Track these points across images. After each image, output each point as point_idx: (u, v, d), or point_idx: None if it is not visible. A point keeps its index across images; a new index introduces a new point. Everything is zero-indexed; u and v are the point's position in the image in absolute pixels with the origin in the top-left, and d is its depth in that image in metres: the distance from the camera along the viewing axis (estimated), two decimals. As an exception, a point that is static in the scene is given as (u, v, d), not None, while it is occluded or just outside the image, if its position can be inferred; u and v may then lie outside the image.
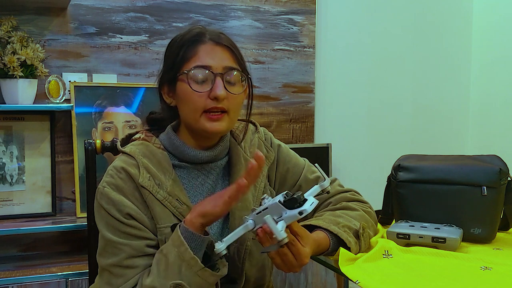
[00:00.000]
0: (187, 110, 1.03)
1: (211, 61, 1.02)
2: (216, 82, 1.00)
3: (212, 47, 1.03)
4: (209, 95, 1.00)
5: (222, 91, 0.99)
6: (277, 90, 2.42)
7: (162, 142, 1.08)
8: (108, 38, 2.11)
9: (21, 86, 1.87)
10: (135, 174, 1.00)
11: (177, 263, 0.91)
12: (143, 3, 2.16)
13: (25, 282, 1.75)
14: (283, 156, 1.19)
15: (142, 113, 2.12)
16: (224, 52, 1.04)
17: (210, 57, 1.02)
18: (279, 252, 0.91)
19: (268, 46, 2.39)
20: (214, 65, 1.01)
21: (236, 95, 1.03)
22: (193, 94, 1.00)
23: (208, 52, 1.02)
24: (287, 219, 0.87)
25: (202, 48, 1.03)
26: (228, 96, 1.01)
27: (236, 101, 1.04)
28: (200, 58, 1.02)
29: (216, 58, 1.02)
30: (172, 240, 0.93)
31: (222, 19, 2.29)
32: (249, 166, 0.88)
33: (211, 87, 1.00)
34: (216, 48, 1.03)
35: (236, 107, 1.05)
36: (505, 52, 2.64)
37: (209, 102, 1.00)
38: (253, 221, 0.90)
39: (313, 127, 2.50)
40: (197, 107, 1.01)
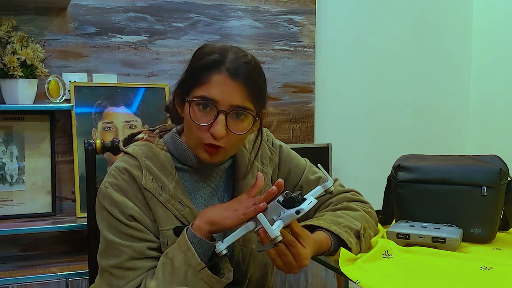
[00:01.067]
0: (188, 134, 1.02)
1: (219, 95, 0.95)
2: (218, 120, 0.95)
3: (225, 80, 0.96)
4: (208, 129, 0.96)
5: (220, 130, 0.94)
6: (277, 90, 2.42)
7: (165, 144, 1.07)
8: (108, 38, 2.11)
9: (21, 86, 1.87)
10: (138, 175, 1.00)
11: (183, 268, 0.90)
12: (143, 3, 2.16)
13: (25, 282, 1.75)
14: (285, 157, 1.18)
15: (142, 113, 2.12)
16: (237, 87, 0.96)
17: (220, 91, 0.95)
18: (279, 253, 0.91)
19: (268, 46, 2.39)
20: (221, 101, 0.95)
21: (238, 134, 0.98)
22: (193, 123, 0.97)
23: (219, 84, 0.95)
24: (284, 219, 0.87)
25: (215, 78, 0.96)
26: (229, 134, 0.97)
27: (237, 140, 1.00)
28: (209, 88, 0.96)
29: (225, 93, 0.95)
30: (179, 245, 0.93)
31: (222, 19, 2.29)
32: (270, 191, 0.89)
33: (212, 122, 0.96)
34: (229, 82, 0.96)
35: (236, 144, 1.01)
36: (505, 52, 2.64)
37: (208, 137, 0.96)
38: (254, 222, 0.90)
39: (313, 127, 2.50)
40: (195, 138, 0.98)
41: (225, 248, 0.91)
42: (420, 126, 2.74)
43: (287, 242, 0.91)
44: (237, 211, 0.91)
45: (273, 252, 0.92)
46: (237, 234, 0.92)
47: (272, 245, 0.89)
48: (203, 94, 0.96)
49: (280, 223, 0.87)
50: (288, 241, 0.91)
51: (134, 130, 2.06)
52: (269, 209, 0.89)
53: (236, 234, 0.92)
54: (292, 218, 0.87)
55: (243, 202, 0.92)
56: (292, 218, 0.87)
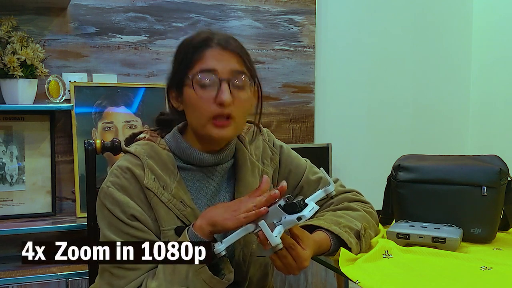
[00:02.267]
0: (194, 116, 1.01)
1: (218, 65, 0.98)
2: (222, 87, 0.97)
3: (219, 52, 0.99)
4: (215, 101, 0.97)
5: (228, 96, 0.96)
6: (277, 90, 2.42)
7: (167, 143, 1.07)
8: (108, 38, 2.11)
9: (21, 86, 1.87)
10: (140, 175, 0.99)
11: (185, 269, 0.90)
12: (143, 3, 2.16)
13: (25, 282, 1.75)
14: (285, 158, 1.18)
15: (142, 113, 2.12)
16: (232, 56, 1.00)
17: (217, 61, 0.98)
18: (279, 255, 0.91)
19: (268, 46, 2.39)
20: (220, 69, 0.98)
21: (243, 100, 1.00)
22: (198, 99, 0.98)
23: (215, 56, 0.99)
24: (285, 224, 0.87)
25: (209, 53, 0.99)
26: (235, 102, 0.98)
27: (243, 106, 1.01)
28: (206, 62, 0.99)
29: (222, 62, 0.98)
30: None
31: (222, 19, 2.29)
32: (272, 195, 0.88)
33: (217, 92, 0.97)
34: (223, 53, 0.99)
35: (243, 113, 1.02)
36: (505, 52, 2.64)
37: (215, 108, 0.97)
38: (254, 224, 0.90)
39: (313, 127, 2.50)
40: (203, 114, 0.98)
41: (224, 249, 0.90)
42: (420, 126, 2.74)
43: (287, 245, 0.91)
44: (236, 212, 0.91)
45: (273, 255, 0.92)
46: (237, 235, 0.91)
47: (272, 252, 0.89)
48: (202, 68, 0.98)
49: (281, 228, 0.86)
50: (288, 244, 0.91)
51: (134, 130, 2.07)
52: (270, 213, 0.89)
53: (236, 236, 0.91)
54: (293, 224, 0.87)
55: (245, 203, 0.92)
56: (293, 224, 0.87)
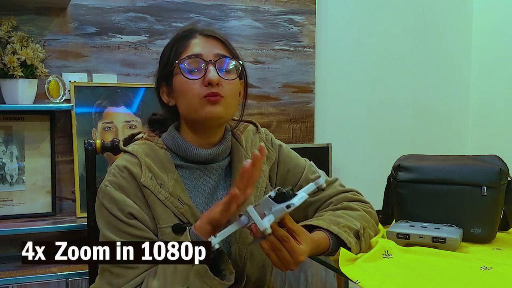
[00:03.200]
0: (186, 102, 1.03)
1: (201, 50, 1.03)
2: (209, 68, 1.01)
3: (202, 39, 1.06)
4: (203, 82, 1.01)
5: (215, 75, 1.00)
6: (277, 90, 2.42)
7: (164, 142, 1.08)
8: (108, 38, 2.11)
9: (21, 86, 1.87)
10: (137, 173, 1.00)
11: (186, 270, 0.90)
12: (143, 3, 2.16)
13: (25, 282, 1.75)
14: (284, 157, 1.19)
15: (142, 113, 2.12)
16: (215, 42, 1.06)
17: (201, 47, 1.04)
18: (273, 248, 0.91)
19: (268, 46, 2.39)
20: (205, 54, 1.03)
21: (230, 81, 1.04)
22: (188, 83, 1.02)
23: (199, 43, 1.05)
24: (275, 213, 0.87)
25: (193, 41, 1.05)
26: (222, 82, 1.02)
27: (231, 87, 1.04)
28: (190, 49, 1.04)
29: (207, 47, 1.04)
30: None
31: (222, 19, 2.29)
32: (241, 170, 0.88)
33: (204, 74, 1.01)
34: (206, 39, 1.06)
35: (232, 93, 1.05)
36: (505, 52, 2.64)
37: (205, 89, 1.01)
38: (246, 217, 0.90)
39: (313, 127, 2.50)
40: (194, 95, 1.01)
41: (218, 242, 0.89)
42: (420, 126, 2.74)
43: (280, 238, 0.90)
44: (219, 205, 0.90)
45: (267, 247, 0.91)
46: (230, 229, 0.91)
47: (262, 237, 0.89)
48: (188, 54, 1.04)
49: (271, 217, 0.87)
50: (281, 236, 0.90)
51: (134, 130, 2.08)
52: (261, 204, 0.89)
53: (229, 230, 0.91)
54: (282, 212, 0.87)
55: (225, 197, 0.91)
56: (282, 212, 0.87)
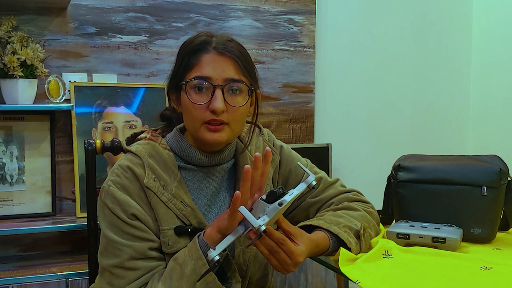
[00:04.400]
0: (188, 120, 1.02)
1: (212, 72, 0.98)
2: (215, 94, 0.97)
3: (215, 57, 0.99)
4: (208, 107, 0.98)
5: (220, 104, 0.96)
6: (277, 90, 2.42)
7: (168, 143, 1.07)
8: (108, 38, 2.11)
9: (21, 86, 1.87)
10: (140, 174, 1.00)
11: (193, 277, 0.90)
12: (143, 3, 2.16)
13: (25, 282, 1.74)
14: (286, 158, 1.18)
15: (142, 113, 2.12)
16: (227, 63, 0.99)
17: (211, 68, 0.98)
18: (270, 251, 0.91)
19: (268, 46, 2.39)
20: (214, 76, 0.98)
21: (237, 108, 1.00)
22: (192, 105, 0.99)
23: (210, 62, 0.99)
24: (269, 213, 0.87)
25: (205, 58, 0.99)
26: (228, 108, 0.98)
27: (238, 113, 1.00)
28: (201, 68, 0.99)
29: (217, 69, 0.98)
30: (190, 252, 0.92)
31: (222, 19, 2.29)
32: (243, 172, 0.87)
33: (210, 99, 0.98)
34: (219, 59, 0.99)
35: (238, 119, 1.02)
36: (505, 52, 2.64)
37: (208, 115, 0.98)
38: (243, 225, 0.90)
39: (313, 127, 2.49)
40: (196, 119, 0.99)
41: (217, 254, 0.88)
42: (420, 126, 2.74)
43: (277, 240, 0.90)
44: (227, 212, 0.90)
45: (266, 252, 0.91)
46: (228, 239, 0.90)
47: (258, 237, 0.89)
48: (197, 74, 0.99)
49: (266, 218, 0.87)
50: (277, 239, 0.90)
51: (134, 130, 2.08)
52: (254, 208, 0.89)
53: (227, 240, 0.90)
54: (276, 210, 0.87)
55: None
56: (276, 210, 0.87)
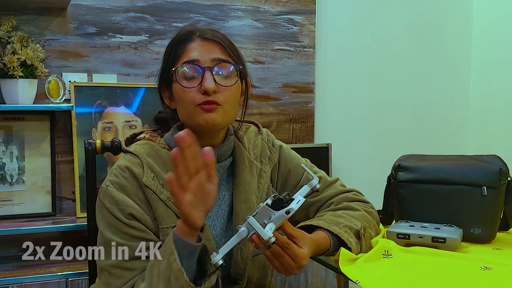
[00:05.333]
0: (183, 109, 1.03)
1: (198, 55, 1.01)
2: (205, 76, 0.99)
3: (200, 43, 1.03)
4: (199, 90, 0.99)
5: (211, 83, 0.98)
6: (277, 90, 2.42)
7: (167, 142, 1.08)
8: (108, 38, 2.11)
9: (21, 86, 1.87)
10: (139, 173, 1.00)
11: (167, 273, 0.87)
12: (143, 3, 2.16)
13: (25, 282, 1.74)
14: (285, 157, 1.18)
15: (142, 113, 2.12)
16: (213, 46, 1.02)
17: (198, 52, 1.01)
18: (275, 255, 0.91)
19: (268, 46, 2.39)
20: (201, 59, 1.00)
21: (228, 87, 1.01)
22: (184, 91, 1.00)
23: (196, 47, 1.02)
24: (275, 220, 0.87)
25: (190, 45, 1.03)
26: (220, 89, 1.00)
27: (230, 93, 1.02)
28: (188, 54, 1.02)
29: (204, 51, 1.01)
30: (165, 247, 0.90)
31: (222, 19, 2.29)
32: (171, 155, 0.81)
33: (201, 82, 0.99)
34: (204, 43, 1.02)
35: (231, 100, 1.02)
36: (505, 52, 2.63)
37: (200, 97, 0.99)
38: (246, 229, 0.89)
39: (313, 127, 2.49)
40: (190, 102, 1.00)
41: (221, 258, 0.87)
42: (420, 126, 2.74)
43: (282, 245, 0.90)
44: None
45: (270, 256, 0.91)
46: (231, 243, 0.90)
47: (267, 247, 0.88)
48: (184, 60, 1.01)
49: (272, 225, 0.86)
50: (282, 243, 0.90)
51: (134, 130, 2.08)
52: (259, 213, 0.88)
53: (230, 243, 0.89)
54: (282, 218, 0.87)
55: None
56: (282, 218, 0.87)
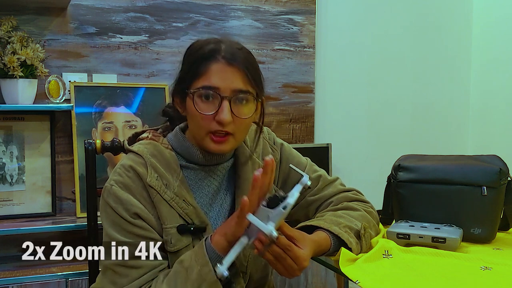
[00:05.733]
0: (194, 128, 1.02)
1: (220, 82, 0.97)
2: (222, 106, 0.96)
3: (223, 67, 0.98)
4: (214, 118, 0.97)
5: (227, 116, 0.96)
6: (277, 90, 2.42)
7: (170, 142, 1.08)
8: (108, 38, 2.11)
9: (21, 86, 1.87)
10: (143, 173, 1.00)
11: (198, 282, 0.89)
12: (143, 3, 2.16)
13: (25, 282, 1.75)
14: (286, 156, 1.19)
15: (142, 113, 2.12)
16: (236, 73, 0.98)
17: (220, 78, 0.97)
18: (278, 258, 0.91)
19: (268, 46, 2.38)
20: (222, 87, 0.97)
21: (244, 119, 0.99)
22: (198, 115, 0.98)
23: (218, 72, 0.97)
24: (274, 218, 0.86)
25: (214, 67, 0.98)
26: (235, 120, 0.98)
27: (244, 124, 1.01)
28: (209, 78, 0.97)
29: (226, 79, 0.97)
30: (196, 256, 0.92)
31: (222, 19, 2.29)
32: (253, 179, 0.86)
33: (217, 110, 0.97)
34: (227, 69, 0.98)
35: (243, 129, 1.02)
36: (505, 52, 2.63)
37: (214, 125, 0.97)
38: (246, 236, 0.89)
39: (313, 127, 2.49)
40: (202, 128, 0.99)
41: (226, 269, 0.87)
42: (420, 126, 2.74)
43: (283, 247, 0.90)
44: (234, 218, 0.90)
45: (272, 260, 0.91)
46: (234, 252, 0.89)
47: (271, 242, 0.88)
48: (205, 84, 0.98)
49: (272, 223, 0.86)
50: (283, 245, 0.90)
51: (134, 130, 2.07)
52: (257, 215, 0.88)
53: (233, 252, 0.89)
54: (280, 214, 0.87)
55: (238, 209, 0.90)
56: (280, 214, 0.87)
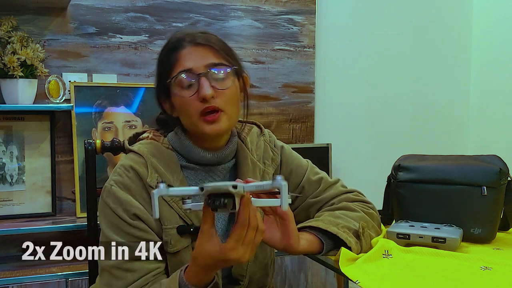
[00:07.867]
0: (185, 118, 1.03)
1: (192, 62, 1.00)
2: (201, 82, 0.98)
3: (191, 49, 1.01)
4: (197, 97, 0.98)
5: (208, 90, 0.97)
6: (277, 90, 2.42)
7: (170, 142, 1.08)
8: (108, 38, 2.11)
9: (21, 86, 1.87)
10: (143, 173, 1.00)
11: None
12: (143, 3, 2.16)
13: (25, 282, 1.74)
14: (286, 158, 1.18)
15: (142, 113, 2.12)
16: (205, 50, 1.01)
17: (190, 59, 1.00)
18: None
19: (268, 46, 2.38)
20: (195, 66, 1.00)
21: (226, 90, 1.00)
22: (184, 101, 1.00)
23: (187, 54, 1.01)
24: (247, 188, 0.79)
25: (183, 53, 1.01)
26: (218, 93, 0.99)
27: (228, 96, 1.01)
28: (181, 63, 1.01)
29: (197, 58, 1.00)
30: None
31: (222, 19, 2.29)
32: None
33: (197, 89, 0.98)
34: (195, 49, 1.01)
35: (231, 103, 1.02)
36: (505, 52, 2.63)
37: (200, 105, 0.99)
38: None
39: (313, 127, 2.49)
40: (191, 112, 1.00)
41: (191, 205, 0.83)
42: (420, 126, 2.74)
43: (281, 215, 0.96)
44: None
45: None
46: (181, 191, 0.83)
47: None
48: (179, 70, 1.00)
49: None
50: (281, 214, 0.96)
51: (134, 130, 2.08)
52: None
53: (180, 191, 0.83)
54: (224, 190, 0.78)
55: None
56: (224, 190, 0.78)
